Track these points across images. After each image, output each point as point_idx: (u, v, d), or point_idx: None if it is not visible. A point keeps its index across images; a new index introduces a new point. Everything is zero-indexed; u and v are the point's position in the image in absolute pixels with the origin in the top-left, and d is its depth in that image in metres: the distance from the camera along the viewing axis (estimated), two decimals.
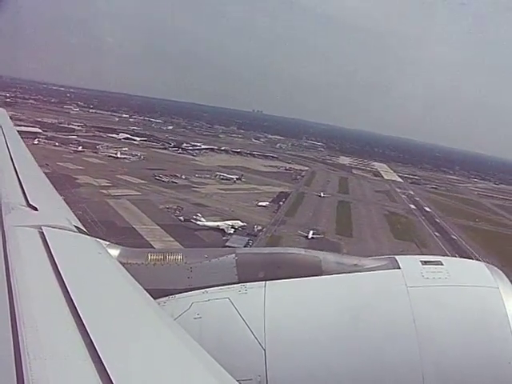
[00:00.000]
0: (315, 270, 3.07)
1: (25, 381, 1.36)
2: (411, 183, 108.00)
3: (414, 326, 2.65)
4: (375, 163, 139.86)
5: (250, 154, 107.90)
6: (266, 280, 3.02)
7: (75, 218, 3.59)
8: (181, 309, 2.87)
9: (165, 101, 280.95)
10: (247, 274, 3.07)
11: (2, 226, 2.66)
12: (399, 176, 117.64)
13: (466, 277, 2.93)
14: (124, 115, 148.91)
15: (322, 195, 73.95)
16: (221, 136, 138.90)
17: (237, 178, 76.26)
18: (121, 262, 2.88)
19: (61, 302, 1.86)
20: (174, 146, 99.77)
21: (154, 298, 2.48)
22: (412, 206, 79.05)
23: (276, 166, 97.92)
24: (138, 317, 2.04)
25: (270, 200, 66.29)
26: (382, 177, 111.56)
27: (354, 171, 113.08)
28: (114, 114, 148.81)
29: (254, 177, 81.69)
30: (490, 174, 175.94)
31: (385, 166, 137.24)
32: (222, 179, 74.64)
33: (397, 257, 3.09)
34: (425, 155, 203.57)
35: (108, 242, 3.29)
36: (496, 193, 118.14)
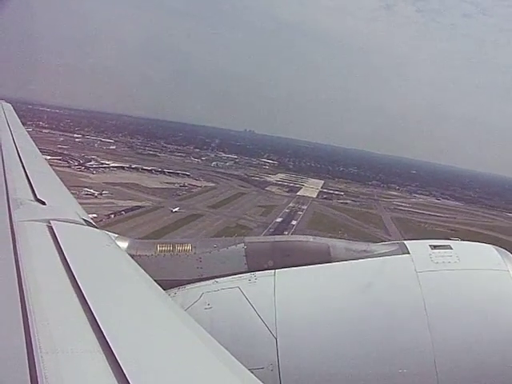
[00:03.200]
0: (324, 257, 3.13)
1: (37, 375, 1.36)
2: (323, 199, 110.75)
3: (424, 310, 2.69)
4: (312, 179, 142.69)
5: (161, 171, 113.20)
6: (275, 268, 3.10)
7: (83, 211, 3.65)
8: (191, 299, 2.94)
9: (151, 120, 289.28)
10: (256, 262, 3.16)
11: (11, 221, 2.69)
12: (321, 192, 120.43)
13: (476, 260, 2.98)
14: (76, 135, 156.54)
15: (174, 210, 77.75)
16: (160, 155, 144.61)
17: (98, 194, 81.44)
18: (130, 254, 2.98)
19: (71, 295, 1.87)
20: (80, 164, 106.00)
21: (164, 289, 2.54)
22: (278, 220, 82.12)
23: (174, 183, 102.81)
24: (148, 308, 2.06)
25: (110, 212, 70.82)
26: (295, 193, 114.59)
27: (269, 188, 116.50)
28: (66, 133, 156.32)
29: (128, 192, 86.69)
30: (450, 188, 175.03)
31: (321, 182, 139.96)
32: (86, 194, 79.99)
33: (406, 242, 3.16)
34: (388, 170, 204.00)
35: (117, 235, 3.39)
36: (419, 207, 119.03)
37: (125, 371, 1.42)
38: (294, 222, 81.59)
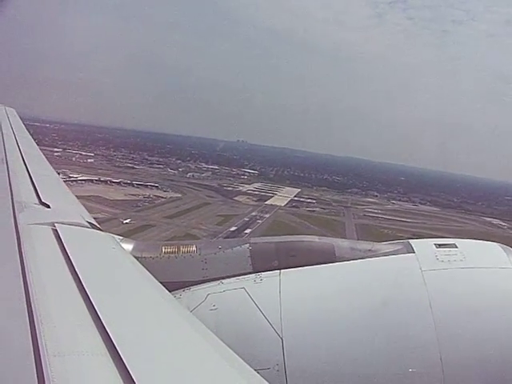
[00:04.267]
0: (329, 256, 3.17)
1: (45, 377, 1.37)
2: (291, 207, 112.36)
3: (430, 309, 2.71)
4: (288, 188, 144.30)
5: (129, 183, 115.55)
6: (280, 269, 3.14)
7: (88, 213, 3.73)
8: (197, 301, 2.99)
9: (143, 133, 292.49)
10: (261, 263, 3.20)
11: (16, 225, 2.71)
12: (292, 200, 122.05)
13: (481, 258, 3.01)
14: (56, 149, 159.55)
15: (125, 221, 79.62)
16: (137, 167, 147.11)
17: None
18: (135, 256, 3.01)
19: (77, 297, 1.89)
20: None
21: (170, 291, 2.53)
22: (232, 229, 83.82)
23: (138, 195, 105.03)
24: (154, 310, 2.08)
25: None
26: (264, 202, 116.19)
27: (238, 197, 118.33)
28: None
29: (86, 204, 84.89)
30: (434, 194, 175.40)
31: (296, 191, 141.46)
32: None
33: (411, 241, 3.22)
34: (375, 177, 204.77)
35: (122, 237, 3.48)
36: (391, 213, 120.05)
37: (131, 373, 1.42)
38: (247, 231, 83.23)
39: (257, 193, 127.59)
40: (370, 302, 2.81)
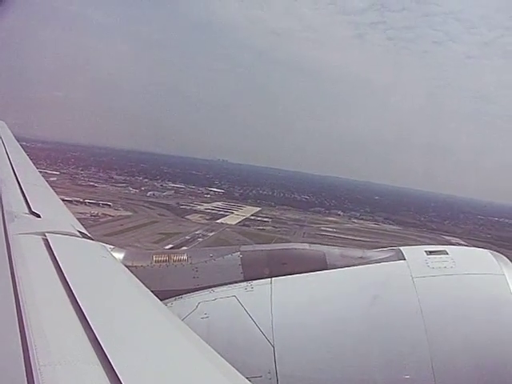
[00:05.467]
0: (320, 264, 3.23)
1: None
2: (241, 225, 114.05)
3: (421, 316, 2.77)
4: (248, 207, 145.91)
5: (82, 202, 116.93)
6: (271, 277, 3.19)
7: (78, 223, 3.77)
8: (188, 309, 3.03)
9: (121, 151, 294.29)
10: (253, 271, 3.25)
11: (6, 235, 2.70)
12: (247, 219, 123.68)
13: (472, 265, 3.06)
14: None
15: None
16: (98, 186, 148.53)
17: None
18: (126, 265, 3.04)
19: (68, 307, 1.90)
20: None
21: (161, 300, 2.58)
22: (167, 246, 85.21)
23: (86, 213, 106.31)
24: (145, 319, 2.10)
25: None
26: (215, 220, 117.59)
27: (191, 216, 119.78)
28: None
29: None
30: (402, 213, 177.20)
31: (256, 209, 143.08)
32: None
33: (402, 248, 3.27)
34: (347, 196, 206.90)
35: (113, 246, 3.53)
36: (346, 232, 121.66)
37: (122, 382, 1.44)
38: (183, 248, 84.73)
39: (214, 211, 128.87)
40: (361, 309, 2.86)
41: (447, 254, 3.07)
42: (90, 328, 1.72)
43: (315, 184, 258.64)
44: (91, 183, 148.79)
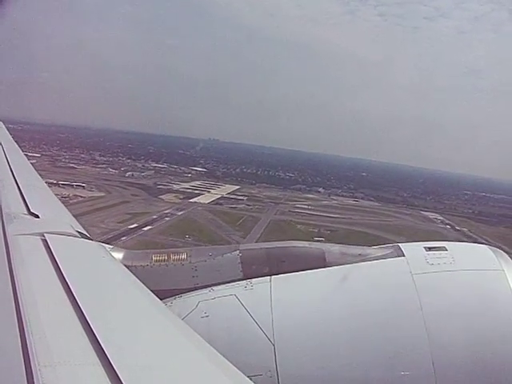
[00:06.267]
0: (319, 262, 3.23)
1: None
2: (214, 204, 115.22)
3: (421, 312, 2.78)
4: (227, 185, 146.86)
5: (56, 183, 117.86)
6: (271, 275, 3.20)
7: (77, 223, 3.76)
8: (188, 308, 3.03)
9: (109, 131, 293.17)
10: (252, 269, 3.26)
11: (5, 235, 2.71)
12: (222, 197, 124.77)
13: (471, 261, 3.07)
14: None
15: None
16: (78, 167, 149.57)
17: None
18: (125, 265, 3.01)
19: (67, 307, 1.91)
20: None
21: (161, 299, 2.58)
22: (132, 226, 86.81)
23: (56, 195, 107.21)
24: (145, 319, 2.10)
25: None
26: (189, 199, 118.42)
27: (165, 195, 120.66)
28: None
29: None
30: (385, 189, 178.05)
31: (234, 188, 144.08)
32: None
33: (401, 244, 3.27)
34: (333, 173, 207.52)
35: (112, 246, 3.51)
36: (321, 209, 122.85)
37: (123, 382, 1.44)
38: (146, 228, 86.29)
39: (190, 191, 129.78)
40: (360, 306, 2.89)
41: (446, 250, 3.09)
42: (90, 328, 1.72)
43: (304, 162, 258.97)
44: (71, 165, 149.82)
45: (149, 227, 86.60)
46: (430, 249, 3.11)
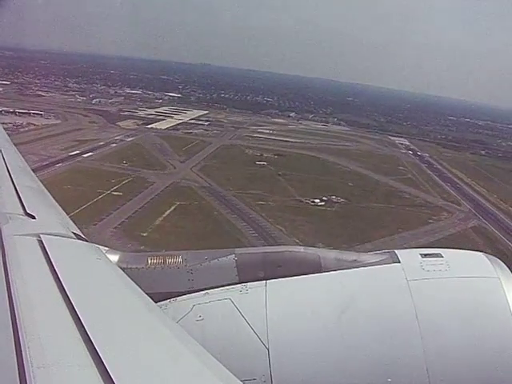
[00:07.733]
0: (315, 267, 3.22)
1: None
2: (171, 130, 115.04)
3: (416, 319, 2.78)
4: (194, 111, 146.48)
5: (12, 112, 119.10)
6: (266, 279, 3.18)
7: (73, 224, 3.73)
8: (182, 312, 3.01)
9: (94, 56, 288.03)
10: (247, 273, 3.24)
11: (1, 236, 2.73)
12: (182, 123, 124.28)
13: (467, 268, 3.06)
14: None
15: None
16: (45, 95, 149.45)
17: None
18: (121, 268, 3.00)
19: (62, 309, 1.90)
20: None
21: (156, 302, 2.59)
22: (74, 152, 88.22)
23: (8, 123, 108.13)
24: (140, 321, 2.10)
25: None
26: (147, 125, 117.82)
27: (124, 122, 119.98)
28: None
29: None
30: (365, 114, 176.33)
31: (201, 113, 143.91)
32: None
33: (396, 251, 3.26)
34: (316, 97, 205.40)
35: (107, 248, 3.47)
36: (279, 133, 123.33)
37: None
38: (86, 155, 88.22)
39: (152, 117, 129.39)
40: (355, 312, 2.90)
41: (442, 256, 3.14)
42: (84, 330, 1.73)
43: (292, 86, 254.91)
44: (39, 93, 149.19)
45: (89, 154, 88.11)
46: (425, 255, 3.16)
